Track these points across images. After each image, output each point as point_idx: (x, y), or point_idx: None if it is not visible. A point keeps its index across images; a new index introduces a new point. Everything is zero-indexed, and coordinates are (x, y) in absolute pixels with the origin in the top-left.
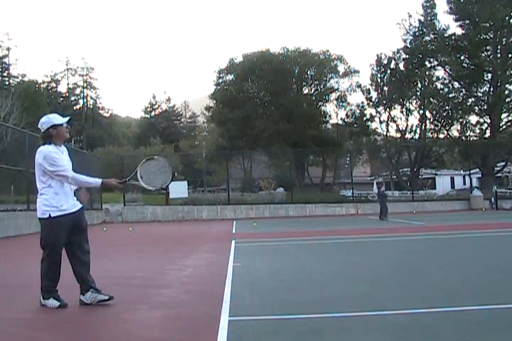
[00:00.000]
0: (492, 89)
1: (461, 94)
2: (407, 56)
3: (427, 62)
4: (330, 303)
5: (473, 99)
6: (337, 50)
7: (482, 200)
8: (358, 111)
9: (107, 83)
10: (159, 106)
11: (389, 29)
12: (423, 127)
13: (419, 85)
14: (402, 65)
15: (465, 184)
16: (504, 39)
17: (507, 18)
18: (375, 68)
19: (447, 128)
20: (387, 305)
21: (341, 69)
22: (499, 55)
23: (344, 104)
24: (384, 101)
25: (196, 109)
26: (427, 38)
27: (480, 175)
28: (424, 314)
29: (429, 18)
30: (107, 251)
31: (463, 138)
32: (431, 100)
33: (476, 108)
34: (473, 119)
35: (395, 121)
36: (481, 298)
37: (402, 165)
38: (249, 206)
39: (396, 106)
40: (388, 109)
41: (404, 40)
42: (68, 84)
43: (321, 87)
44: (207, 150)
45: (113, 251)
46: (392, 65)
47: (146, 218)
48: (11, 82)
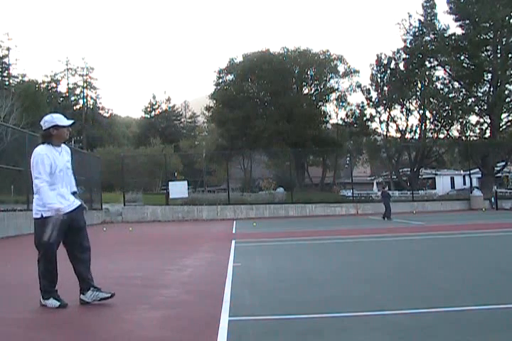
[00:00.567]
0: (492, 89)
1: (461, 94)
2: (407, 56)
3: (427, 62)
4: (330, 303)
5: (473, 99)
6: (337, 50)
7: (482, 200)
8: (358, 111)
9: (107, 83)
10: (159, 106)
11: (389, 29)
12: (423, 127)
13: (419, 85)
14: (402, 65)
15: (465, 184)
16: (504, 39)
17: (507, 18)
18: (375, 68)
19: (447, 128)
20: (387, 305)
21: (341, 69)
22: (499, 55)
23: (344, 104)
24: (384, 101)
25: (196, 109)
26: (427, 38)
27: (480, 175)
28: (424, 314)
29: (429, 18)
30: (107, 251)
31: (463, 138)
32: (431, 100)
33: (476, 108)
34: (473, 119)
35: (395, 121)
36: (481, 298)
37: (402, 165)
38: (249, 206)
39: (396, 106)
40: (388, 109)
41: (404, 40)
42: (68, 84)
43: (321, 87)
44: (207, 150)
45: (113, 251)
46: (392, 65)
47: (146, 218)
48: (11, 82)
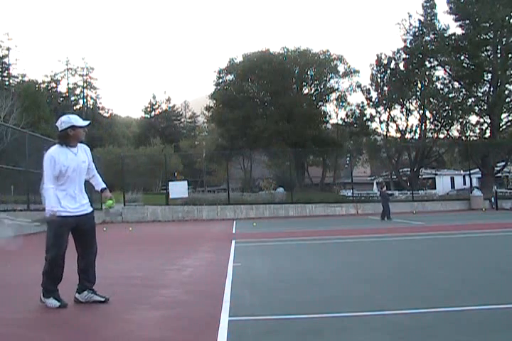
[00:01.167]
0: (492, 89)
1: (461, 94)
2: (407, 56)
3: (427, 62)
4: (330, 303)
5: (473, 99)
6: (337, 50)
7: (482, 200)
8: (358, 111)
9: (107, 83)
10: (159, 106)
11: (389, 29)
12: (423, 127)
13: (419, 85)
14: (402, 65)
15: (465, 184)
16: (504, 39)
17: (507, 18)
18: (375, 68)
19: (447, 128)
20: (387, 305)
21: (341, 69)
22: (499, 55)
23: (344, 104)
24: (384, 101)
25: (196, 109)
26: (427, 38)
27: (480, 175)
28: (424, 314)
29: (429, 18)
30: (107, 251)
31: (463, 138)
32: (431, 100)
33: (476, 108)
34: (473, 119)
35: (395, 121)
36: (481, 298)
37: (402, 165)
38: (249, 206)
39: (396, 106)
40: (388, 109)
41: (404, 40)
42: (68, 84)
43: (321, 87)
44: (207, 150)
45: (113, 251)
46: (392, 65)
47: (146, 218)
48: (11, 82)
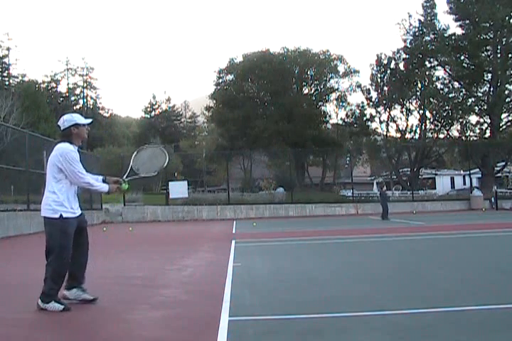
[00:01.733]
0: (492, 89)
1: (461, 94)
2: (407, 56)
3: (427, 62)
4: (330, 303)
5: (473, 99)
6: (337, 50)
7: (482, 200)
8: (358, 111)
9: (107, 83)
10: (159, 106)
11: (389, 29)
12: (423, 127)
13: (419, 85)
14: (402, 65)
15: (465, 184)
16: (504, 39)
17: (507, 18)
18: (375, 68)
19: (447, 128)
20: (387, 305)
21: (341, 69)
22: (499, 55)
23: (344, 104)
24: (384, 101)
25: (196, 109)
26: (427, 38)
27: (480, 175)
28: (424, 314)
29: (429, 18)
30: (107, 251)
31: (463, 138)
32: (431, 100)
33: (476, 108)
34: (473, 119)
35: (395, 121)
36: (481, 298)
37: (402, 165)
38: (249, 206)
39: (396, 106)
40: (388, 109)
41: (404, 40)
42: (68, 84)
43: (321, 87)
44: (207, 150)
45: (113, 251)
46: (392, 65)
47: (146, 218)
48: (11, 82)
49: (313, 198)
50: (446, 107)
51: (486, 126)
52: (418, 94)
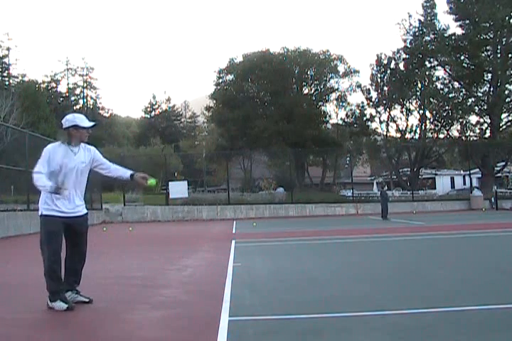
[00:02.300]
0: (492, 89)
1: (461, 94)
2: (407, 56)
3: (427, 62)
4: (330, 303)
5: (473, 99)
6: (337, 50)
7: (482, 200)
8: (358, 111)
9: (107, 83)
10: (159, 106)
11: (389, 29)
12: (423, 127)
13: (419, 85)
14: (402, 65)
15: (465, 184)
16: (504, 39)
17: (507, 18)
18: (375, 68)
19: (447, 128)
20: (387, 305)
21: (341, 69)
22: (499, 55)
23: (344, 104)
24: (384, 101)
25: (196, 109)
26: (427, 38)
27: (480, 175)
28: (424, 314)
29: (429, 18)
30: (107, 250)
31: (463, 138)
32: (431, 100)
33: (476, 108)
34: (473, 119)
35: (395, 121)
36: (481, 298)
37: (402, 165)
38: (249, 206)
39: (396, 106)
40: (388, 109)
41: (404, 40)
42: (68, 84)
43: (321, 87)
44: (207, 150)
45: (113, 250)
46: (392, 65)
47: (146, 218)
48: (11, 82)
49: (313, 198)
50: (446, 107)
51: (486, 126)
52: (418, 94)
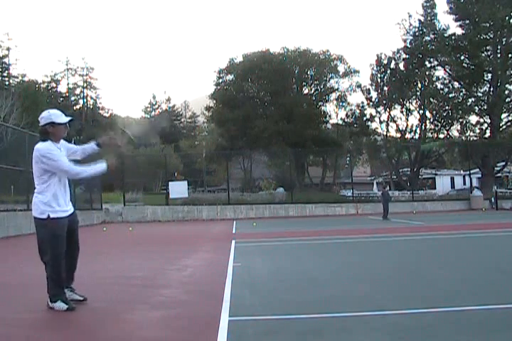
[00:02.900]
0: (492, 89)
1: (461, 94)
2: (407, 56)
3: (427, 62)
4: (330, 303)
5: (473, 99)
6: (337, 50)
7: (482, 200)
8: (358, 111)
9: (107, 83)
10: (159, 106)
11: (389, 29)
12: (423, 127)
13: (419, 85)
14: (402, 65)
15: (465, 184)
16: (504, 39)
17: (507, 18)
18: (375, 68)
19: (447, 128)
20: (387, 305)
21: (341, 69)
22: (499, 55)
23: (344, 104)
24: (384, 101)
25: (196, 109)
26: (427, 38)
27: (480, 175)
28: (424, 314)
29: (429, 18)
30: (107, 250)
31: (463, 138)
32: (431, 100)
33: (476, 108)
34: (473, 119)
35: (395, 121)
36: (481, 298)
37: (402, 165)
38: (249, 206)
39: (396, 106)
40: (388, 109)
41: (404, 40)
42: (68, 84)
43: (321, 87)
44: (207, 150)
45: (113, 250)
46: (392, 65)
47: (146, 218)
48: (11, 82)
49: (313, 198)
50: (446, 107)
51: (486, 126)
52: (418, 94)
